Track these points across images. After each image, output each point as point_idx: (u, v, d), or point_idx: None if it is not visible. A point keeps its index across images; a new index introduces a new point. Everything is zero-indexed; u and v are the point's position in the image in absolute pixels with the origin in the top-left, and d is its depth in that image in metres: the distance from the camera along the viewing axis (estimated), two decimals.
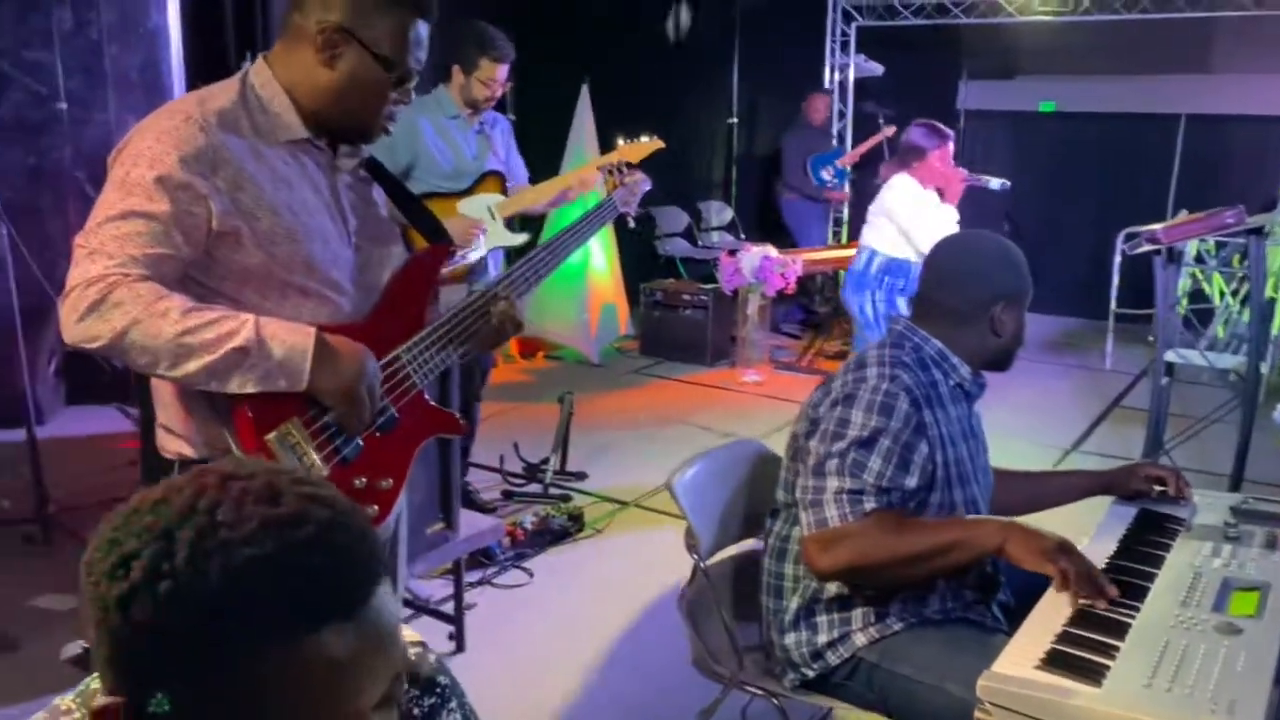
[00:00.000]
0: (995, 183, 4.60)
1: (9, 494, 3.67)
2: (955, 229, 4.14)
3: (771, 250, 6.11)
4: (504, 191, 3.65)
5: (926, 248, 2.38)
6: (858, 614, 1.85)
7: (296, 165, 1.62)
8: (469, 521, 3.07)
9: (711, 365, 6.51)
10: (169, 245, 1.47)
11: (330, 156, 1.68)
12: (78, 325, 1.42)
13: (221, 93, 1.58)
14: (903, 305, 4.53)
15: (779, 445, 2.10)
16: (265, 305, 1.57)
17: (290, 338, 1.49)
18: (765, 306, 6.32)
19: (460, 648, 3.03)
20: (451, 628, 3.05)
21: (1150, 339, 6.25)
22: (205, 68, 4.39)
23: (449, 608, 3.07)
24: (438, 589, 3.27)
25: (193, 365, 1.44)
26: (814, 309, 7.47)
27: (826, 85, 8.05)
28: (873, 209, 4.66)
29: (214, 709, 0.71)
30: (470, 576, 3.33)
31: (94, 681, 0.80)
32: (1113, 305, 6.93)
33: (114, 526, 0.73)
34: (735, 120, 8.56)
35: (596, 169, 3.83)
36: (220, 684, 0.70)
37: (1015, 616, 1.77)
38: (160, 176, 1.46)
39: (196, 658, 0.69)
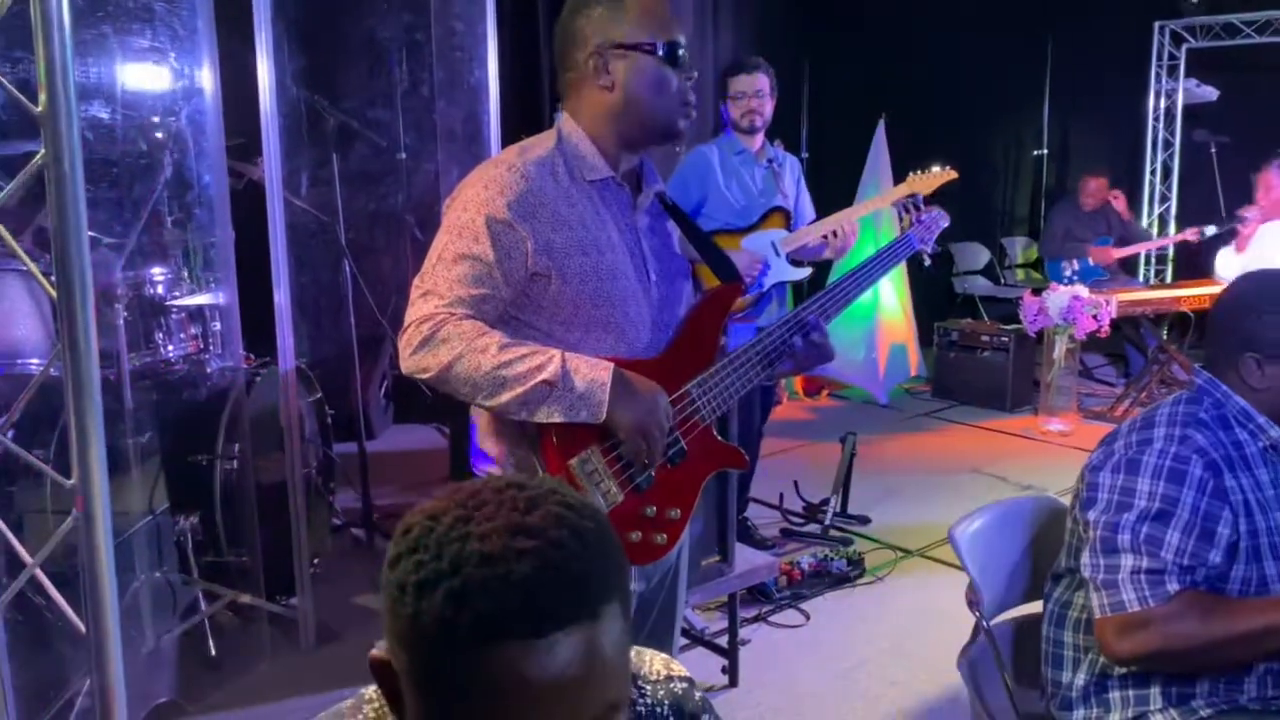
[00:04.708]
0: None
1: (343, 501, 4.12)
2: None
3: (1082, 290, 5.70)
4: (789, 227, 3.67)
5: None
6: (1156, 693, 1.67)
7: (603, 206, 1.73)
8: (745, 557, 3.08)
9: (1011, 411, 6.15)
10: (490, 286, 1.62)
11: (632, 196, 1.78)
12: (411, 358, 1.60)
13: (539, 143, 1.72)
14: None
15: None
16: (571, 339, 1.68)
17: (591, 373, 1.60)
18: (1074, 350, 5.88)
19: (733, 682, 3.04)
20: (725, 661, 3.07)
21: None
22: (521, 119, 4.77)
23: (724, 641, 3.09)
24: (714, 621, 3.30)
25: (506, 396, 1.58)
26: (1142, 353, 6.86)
27: (1152, 112, 7.43)
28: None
29: (423, 688, 0.78)
30: (745, 612, 3.34)
31: None
32: None
33: (429, 500, 0.82)
34: (1045, 152, 8.09)
35: (889, 203, 3.77)
36: (427, 659, 0.76)
37: None
38: (487, 220, 1.61)
39: (418, 628, 0.76)
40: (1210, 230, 5.79)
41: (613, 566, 0.80)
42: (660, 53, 1.68)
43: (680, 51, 1.70)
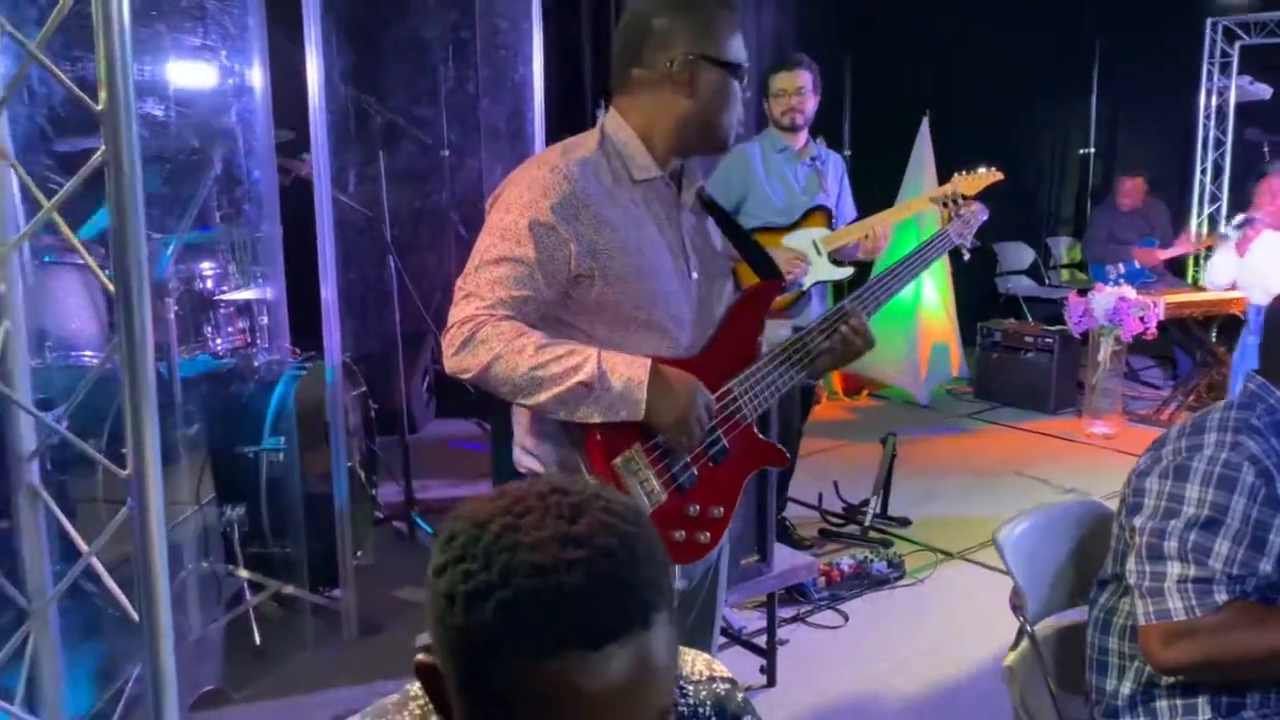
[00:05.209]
0: None
1: (385, 494, 4.16)
2: None
3: (1129, 291, 5.61)
4: (830, 227, 3.64)
5: None
6: (1204, 702, 1.64)
7: (646, 205, 1.73)
8: (783, 557, 3.07)
9: (1054, 413, 6.07)
10: (532, 287, 1.62)
11: (676, 194, 1.78)
12: (453, 359, 1.62)
13: (582, 144, 1.72)
14: None
15: None
16: (613, 339, 1.68)
17: (628, 370, 1.60)
18: (1120, 352, 5.80)
19: (771, 682, 3.04)
20: (763, 661, 3.06)
21: None
22: (564, 117, 4.79)
23: (762, 640, 3.09)
24: (752, 621, 3.30)
25: (543, 395, 1.59)
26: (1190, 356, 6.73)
27: (1203, 110, 7.29)
28: None
29: (472, 696, 0.77)
30: (784, 612, 3.33)
31: None
32: None
33: (469, 504, 0.82)
34: (1092, 150, 7.98)
35: (930, 202, 3.74)
36: (477, 669, 0.76)
37: None
38: (530, 223, 1.62)
39: (467, 638, 0.75)
40: (1231, 232, 5.64)
41: (660, 571, 0.80)
42: (735, 71, 1.71)
43: (744, 77, 1.75)
